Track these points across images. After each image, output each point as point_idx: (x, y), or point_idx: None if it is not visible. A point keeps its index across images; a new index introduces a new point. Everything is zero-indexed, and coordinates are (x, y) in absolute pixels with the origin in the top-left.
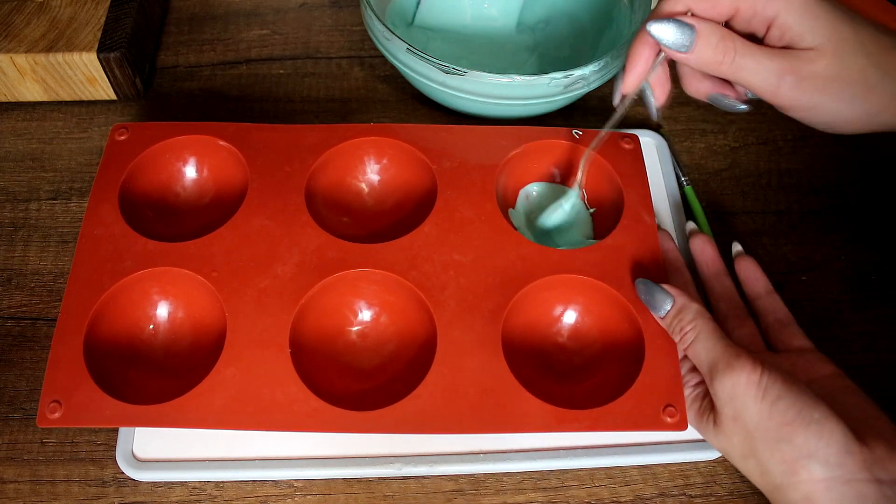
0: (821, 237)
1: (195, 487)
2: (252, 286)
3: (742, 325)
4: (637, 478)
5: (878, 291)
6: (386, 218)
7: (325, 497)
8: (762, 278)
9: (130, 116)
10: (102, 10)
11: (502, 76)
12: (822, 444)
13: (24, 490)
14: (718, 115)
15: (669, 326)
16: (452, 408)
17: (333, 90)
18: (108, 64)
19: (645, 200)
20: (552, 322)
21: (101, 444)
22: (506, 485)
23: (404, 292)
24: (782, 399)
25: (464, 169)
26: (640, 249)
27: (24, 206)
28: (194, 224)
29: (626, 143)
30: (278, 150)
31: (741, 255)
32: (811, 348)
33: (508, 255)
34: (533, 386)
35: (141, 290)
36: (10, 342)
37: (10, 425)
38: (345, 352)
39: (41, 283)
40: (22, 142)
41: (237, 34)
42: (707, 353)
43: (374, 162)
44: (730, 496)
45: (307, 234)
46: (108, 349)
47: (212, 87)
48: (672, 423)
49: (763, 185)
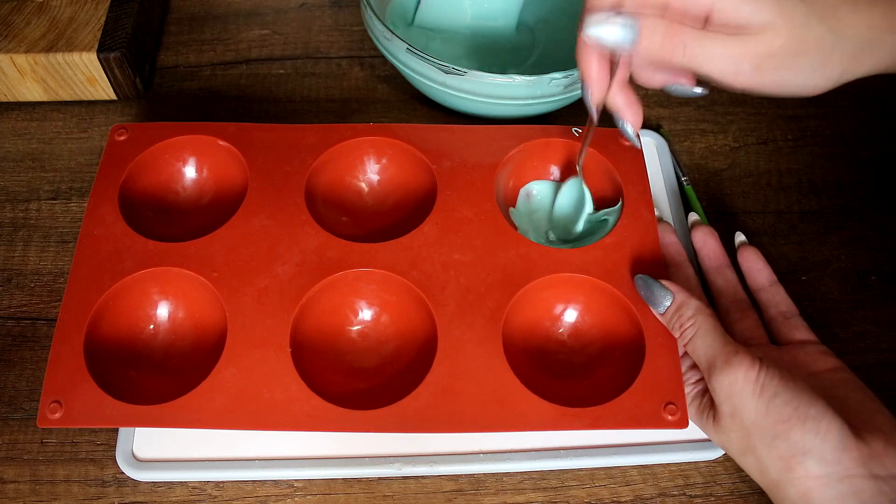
0: (821, 237)
1: (195, 487)
2: (252, 286)
3: (744, 318)
4: (637, 478)
5: (878, 291)
6: (386, 217)
7: (325, 497)
8: (765, 269)
9: (130, 116)
10: (102, 10)
11: (502, 76)
12: (818, 440)
13: (24, 490)
14: (718, 115)
15: (669, 323)
16: (453, 406)
17: (333, 90)
18: (108, 64)
19: (645, 197)
20: (553, 321)
21: (101, 444)
22: (506, 485)
23: (404, 292)
24: (779, 396)
25: (463, 168)
26: (640, 247)
27: (24, 206)
28: (194, 224)
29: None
30: (278, 149)
31: (744, 246)
32: (814, 341)
33: (508, 254)
34: (534, 384)
35: (141, 290)
36: (10, 342)
37: (10, 425)
38: (345, 351)
39: (41, 283)
40: (22, 142)
41: (237, 34)
42: (706, 349)
43: (374, 162)
44: (730, 496)
45: (307, 234)
46: (108, 349)
47: (212, 87)
48: (673, 421)
49: (763, 185)
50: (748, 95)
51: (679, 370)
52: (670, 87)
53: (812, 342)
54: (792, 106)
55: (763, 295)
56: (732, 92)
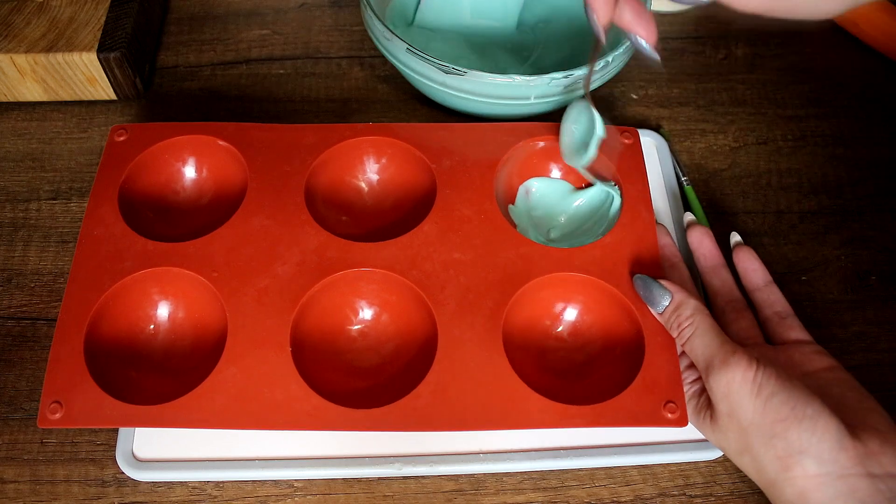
0: (821, 237)
1: (195, 487)
2: (252, 286)
3: (739, 318)
4: (637, 478)
5: (878, 291)
6: (385, 217)
7: (325, 497)
8: (761, 269)
9: (130, 116)
10: (102, 10)
11: (502, 76)
12: (815, 439)
13: (24, 490)
14: (718, 115)
15: (667, 322)
16: (454, 405)
17: (333, 90)
18: (108, 64)
19: (644, 196)
20: (553, 319)
21: (101, 444)
22: (506, 485)
23: (404, 291)
24: (776, 395)
25: (463, 167)
26: (638, 245)
27: (24, 206)
28: (194, 224)
29: (626, 137)
30: (278, 149)
31: (740, 246)
32: (809, 341)
33: (508, 253)
34: (534, 383)
35: (141, 290)
36: (10, 342)
37: (10, 425)
38: (345, 351)
39: (41, 283)
40: (22, 142)
41: (237, 34)
42: (704, 349)
43: (374, 161)
44: (730, 496)
45: (307, 234)
46: (108, 349)
47: (212, 87)
48: (673, 419)
49: (763, 185)
50: (748, 95)
51: (678, 369)
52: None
53: (807, 342)
54: (792, 106)
55: (758, 295)
56: (743, 17)
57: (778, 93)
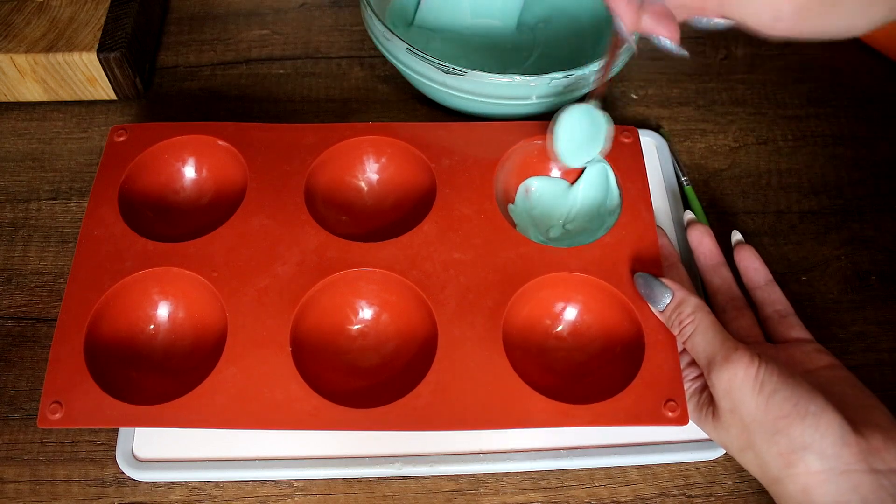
0: (821, 237)
1: (195, 487)
2: (252, 286)
3: (740, 317)
4: (637, 478)
5: (878, 291)
6: (385, 216)
7: (325, 497)
8: (761, 268)
9: (130, 116)
10: (102, 10)
11: (502, 76)
12: (817, 436)
13: (24, 490)
14: (718, 115)
15: (668, 320)
16: (454, 405)
17: (333, 90)
18: (108, 64)
19: (644, 195)
20: (553, 319)
21: (101, 444)
22: (506, 485)
23: (404, 291)
24: (779, 392)
25: (462, 167)
26: (638, 245)
27: (24, 206)
28: (194, 224)
29: (626, 136)
30: (277, 149)
31: (740, 244)
32: (809, 339)
33: (508, 253)
34: (534, 382)
35: (141, 290)
36: (10, 342)
37: (10, 425)
38: (345, 350)
39: (41, 283)
40: (22, 142)
41: (237, 34)
42: (705, 346)
43: (373, 161)
44: (730, 496)
45: (307, 234)
46: (108, 349)
47: (212, 87)
48: (673, 418)
49: (763, 185)
50: (748, 95)
51: (678, 367)
52: (698, 21)
53: (807, 340)
54: (792, 106)
55: (759, 293)
56: (770, 40)
57: (778, 93)
